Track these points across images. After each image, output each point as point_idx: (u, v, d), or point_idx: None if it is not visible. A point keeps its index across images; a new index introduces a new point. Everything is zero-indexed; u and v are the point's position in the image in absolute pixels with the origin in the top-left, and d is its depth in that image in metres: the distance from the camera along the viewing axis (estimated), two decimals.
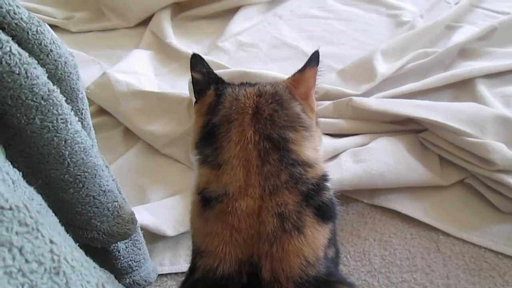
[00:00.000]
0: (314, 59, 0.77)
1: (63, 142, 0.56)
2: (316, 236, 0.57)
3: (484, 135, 1.09)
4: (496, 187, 1.05)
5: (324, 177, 0.64)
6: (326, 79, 1.35)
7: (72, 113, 0.57)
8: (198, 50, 1.57)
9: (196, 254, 0.61)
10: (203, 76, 0.76)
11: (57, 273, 0.32)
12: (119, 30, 1.75)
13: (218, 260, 0.57)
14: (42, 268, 0.31)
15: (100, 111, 1.36)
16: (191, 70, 0.75)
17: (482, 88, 1.27)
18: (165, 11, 1.71)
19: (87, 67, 1.48)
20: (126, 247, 0.78)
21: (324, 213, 0.60)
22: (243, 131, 0.63)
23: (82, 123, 0.68)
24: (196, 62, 0.76)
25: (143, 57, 1.53)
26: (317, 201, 0.60)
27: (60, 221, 0.55)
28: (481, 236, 1.02)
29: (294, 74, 0.78)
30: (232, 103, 0.67)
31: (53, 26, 1.71)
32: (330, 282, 0.56)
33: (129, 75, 1.38)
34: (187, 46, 1.58)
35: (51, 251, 0.33)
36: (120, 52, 1.57)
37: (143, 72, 1.45)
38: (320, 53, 1.54)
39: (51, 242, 0.33)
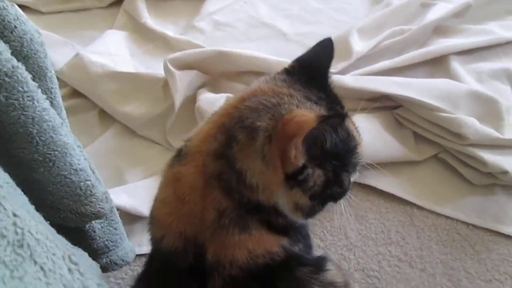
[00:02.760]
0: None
1: (31, 120, 0.55)
2: (265, 240, 0.56)
3: (457, 110, 1.11)
4: (468, 161, 1.08)
5: (275, 209, 0.57)
6: None
7: (39, 90, 0.56)
8: (173, 30, 1.55)
9: (150, 222, 0.62)
10: None
11: (21, 246, 0.32)
12: (92, 10, 1.70)
13: (163, 230, 0.57)
14: (5, 241, 0.31)
15: (75, 93, 1.33)
16: None
17: (456, 65, 1.29)
18: None
19: (60, 48, 1.44)
20: (102, 227, 0.78)
21: (274, 229, 0.58)
22: (238, 98, 0.61)
23: (52, 102, 0.67)
24: None
25: (118, 38, 1.50)
26: (263, 217, 0.57)
27: (31, 201, 0.55)
28: (454, 209, 1.05)
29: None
30: (265, 80, 0.65)
31: (22, 7, 1.65)
32: (288, 266, 0.56)
33: (103, 56, 1.35)
34: (163, 26, 1.55)
35: (14, 224, 0.32)
36: (94, 33, 1.53)
37: (117, 53, 1.42)
38: (296, 32, 1.53)
39: (14, 215, 0.33)
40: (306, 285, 0.55)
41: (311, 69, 0.64)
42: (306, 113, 0.52)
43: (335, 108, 0.61)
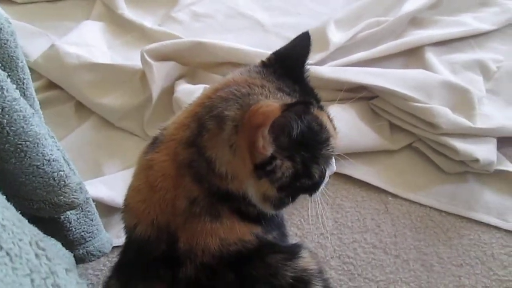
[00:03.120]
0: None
1: (0, 110, 0.54)
2: (237, 229, 0.57)
3: (430, 100, 1.14)
4: (441, 149, 1.11)
5: (244, 198, 0.58)
6: None
7: (9, 80, 0.56)
8: (151, 21, 1.54)
9: (124, 210, 0.62)
10: None
11: None
12: (68, 1, 1.67)
13: (136, 218, 0.58)
14: None
15: (50, 85, 1.31)
16: None
17: (431, 56, 1.32)
18: None
19: (35, 39, 1.42)
20: (78, 218, 0.78)
21: (246, 218, 0.59)
22: (213, 87, 0.62)
23: (24, 93, 0.67)
24: None
25: (94, 29, 1.48)
26: (234, 206, 0.58)
27: (3, 191, 0.54)
28: (427, 196, 1.08)
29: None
30: (243, 71, 0.65)
31: None
32: (260, 254, 0.57)
33: (79, 47, 1.33)
34: (140, 17, 1.54)
35: None
36: (70, 23, 1.51)
37: (94, 44, 1.41)
38: (275, 23, 1.53)
39: None
40: (279, 272, 0.56)
41: (288, 61, 0.65)
42: (272, 103, 0.53)
43: (309, 100, 0.61)
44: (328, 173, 0.64)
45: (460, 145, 1.07)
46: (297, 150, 0.56)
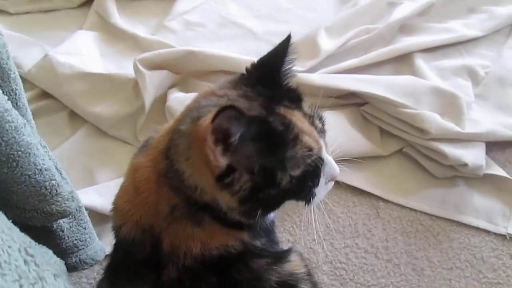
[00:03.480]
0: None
1: None
2: (219, 234, 0.57)
3: (420, 106, 1.15)
4: (430, 154, 1.12)
5: (220, 208, 0.57)
6: None
7: (0, 91, 0.57)
8: (144, 30, 1.55)
9: (112, 210, 0.63)
10: None
11: None
12: (62, 11, 1.68)
13: (121, 219, 0.59)
14: None
15: (44, 95, 1.32)
16: None
17: (420, 62, 1.34)
18: None
19: (28, 49, 1.43)
20: (70, 227, 0.78)
21: (227, 225, 0.58)
22: (194, 98, 0.62)
23: (16, 103, 0.68)
24: None
25: (88, 38, 1.49)
26: (213, 214, 0.58)
27: None
28: (417, 201, 1.09)
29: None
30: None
31: None
32: (244, 258, 0.58)
33: (72, 57, 1.34)
34: (133, 26, 1.55)
35: None
36: (63, 33, 1.52)
37: (87, 53, 1.42)
38: (266, 31, 1.53)
39: None
40: (262, 276, 0.57)
41: (264, 67, 0.64)
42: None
43: (278, 102, 0.58)
44: (324, 180, 0.61)
45: (449, 149, 1.08)
46: (258, 157, 0.53)
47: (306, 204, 0.62)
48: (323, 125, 0.64)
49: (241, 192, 0.54)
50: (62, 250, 0.77)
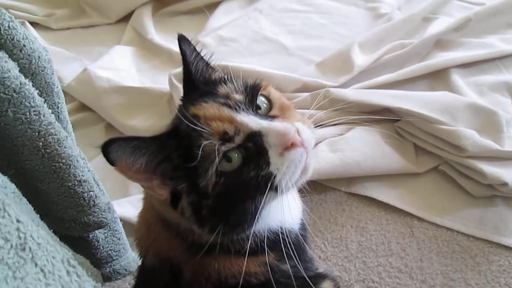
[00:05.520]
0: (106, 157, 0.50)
1: (37, 134, 0.57)
2: (235, 262, 0.55)
3: (456, 122, 1.12)
4: (467, 172, 1.09)
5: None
6: (304, 72, 1.38)
7: (45, 105, 0.59)
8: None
9: (135, 240, 0.64)
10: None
11: (23, 249, 0.34)
12: (100, 27, 1.75)
13: (143, 250, 0.61)
14: (8, 244, 0.34)
15: (82, 107, 1.37)
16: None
17: (457, 78, 1.31)
18: (146, 7, 1.72)
19: (69, 64, 1.49)
20: (106, 237, 0.80)
21: (243, 253, 0.54)
22: None
23: (58, 116, 0.70)
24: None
25: (125, 53, 1.54)
26: (223, 247, 0.54)
27: (37, 211, 0.57)
28: (454, 220, 1.05)
29: None
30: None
31: (34, 24, 1.71)
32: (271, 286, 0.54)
33: (110, 71, 1.39)
34: (168, 41, 1.59)
35: (18, 229, 0.35)
36: (102, 48, 1.58)
37: (124, 68, 1.46)
38: (299, 47, 1.53)
39: (18, 221, 0.35)
40: None
41: (185, 79, 0.62)
42: None
43: (192, 104, 0.55)
44: (276, 151, 0.50)
45: (487, 168, 1.05)
46: (176, 174, 0.51)
47: (278, 193, 0.51)
48: (249, 95, 0.56)
49: (190, 216, 0.52)
50: (96, 260, 0.79)
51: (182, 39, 0.61)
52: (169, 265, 0.57)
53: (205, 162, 0.49)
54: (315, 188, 1.13)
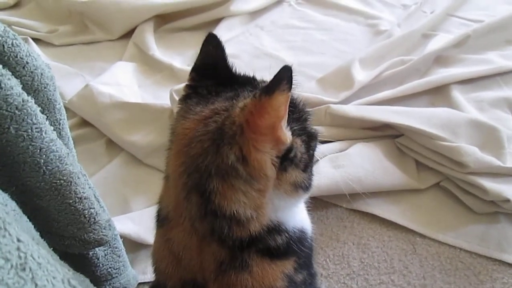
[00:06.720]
0: (285, 78, 0.47)
1: (38, 151, 0.57)
2: (267, 274, 0.55)
3: (457, 139, 1.12)
4: (469, 189, 1.08)
5: (270, 229, 0.56)
6: (306, 88, 1.38)
7: (47, 122, 0.59)
8: (181, 61, 1.60)
9: (154, 269, 0.63)
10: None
11: (24, 269, 0.34)
12: (103, 43, 1.77)
13: (166, 279, 0.59)
14: (8, 264, 0.33)
15: (83, 123, 1.37)
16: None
17: (457, 94, 1.32)
18: (148, 24, 1.74)
19: (71, 79, 1.50)
20: (105, 255, 0.79)
21: (276, 254, 0.56)
22: (176, 154, 0.57)
23: (60, 133, 0.70)
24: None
25: (126, 69, 1.55)
26: (260, 247, 0.55)
27: (37, 228, 0.57)
28: (456, 237, 1.05)
29: (259, 97, 0.48)
30: (179, 119, 0.59)
31: (36, 40, 1.72)
32: None
33: (112, 87, 1.40)
34: (170, 57, 1.60)
35: (18, 248, 0.35)
36: (104, 64, 1.59)
37: (126, 83, 1.47)
38: (300, 63, 1.54)
39: (18, 240, 0.35)
40: None
41: (209, 69, 0.63)
42: (245, 101, 0.49)
43: (243, 91, 0.60)
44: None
45: (489, 184, 1.04)
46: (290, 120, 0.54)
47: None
48: None
49: (304, 157, 0.55)
50: (96, 278, 0.78)
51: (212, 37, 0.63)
52: (193, 284, 0.56)
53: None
54: (316, 205, 1.13)
